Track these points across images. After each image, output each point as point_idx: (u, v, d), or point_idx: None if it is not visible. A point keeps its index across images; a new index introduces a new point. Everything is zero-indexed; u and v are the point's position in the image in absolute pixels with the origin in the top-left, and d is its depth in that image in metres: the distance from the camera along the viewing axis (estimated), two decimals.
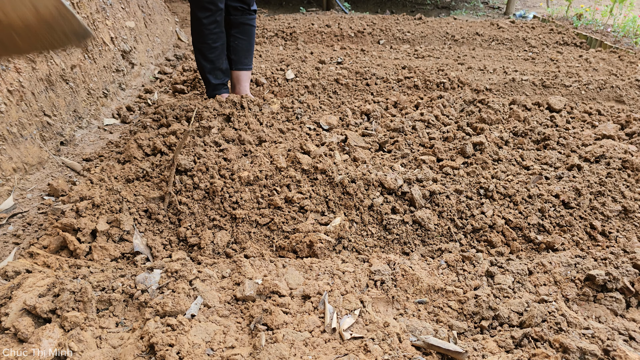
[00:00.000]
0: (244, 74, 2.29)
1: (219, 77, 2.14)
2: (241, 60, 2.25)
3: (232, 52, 2.22)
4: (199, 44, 2.00)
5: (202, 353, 0.88)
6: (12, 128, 1.71)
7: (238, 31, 2.19)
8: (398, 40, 3.95)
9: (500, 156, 1.74)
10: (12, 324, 0.93)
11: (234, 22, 2.15)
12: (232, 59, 2.23)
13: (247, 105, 2.18)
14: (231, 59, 2.23)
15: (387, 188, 1.46)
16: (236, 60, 2.25)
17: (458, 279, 1.19)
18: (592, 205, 1.45)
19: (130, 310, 1.02)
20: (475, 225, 1.39)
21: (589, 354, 0.89)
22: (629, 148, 1.76)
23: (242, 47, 2.22)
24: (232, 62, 2.24)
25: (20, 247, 1.36)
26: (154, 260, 1.27)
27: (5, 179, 1.63)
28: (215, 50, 2.04)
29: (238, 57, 2.25)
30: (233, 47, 2.21)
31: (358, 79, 2.62)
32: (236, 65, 2.25)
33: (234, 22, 2.15)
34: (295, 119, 2.15)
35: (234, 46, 2.21)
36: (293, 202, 1.43)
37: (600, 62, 3.20)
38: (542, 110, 2.23)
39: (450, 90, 2.56)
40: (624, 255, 1.24)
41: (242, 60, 2.25)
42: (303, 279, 1.12)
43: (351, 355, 0.87)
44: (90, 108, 2.22)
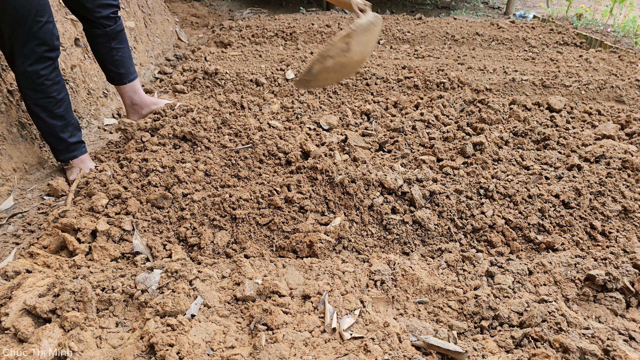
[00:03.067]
0: (137, 82, 2.06)
1: (75, 133, 1.75)
2: (130, 70, 2.01)
3: (119, 65, 1.95)
4: (40, 102, 1.60)
5: (202, 353, 0.88)
6: (12, 128, 1.71)
7: (117, 41, 1.90)
8: (398, 40, 3.95)
9: (500, 156, 1.74)
10: (12, 324, 0.93)
11: (111, 33, 1.86)
12: (120, 73, 1.97)
13: (247, 105, 2.18)
14: (120, 73, 1.97)
15: (387, 188, 1.46)
16: (125, 72, 1.99)
17: (458, 279, 1.19)
18: (592, 205, 1.45)
19: (130, 310, 1.02)
20: (475, 225, 1.39)
21: (589, 354, 0.89)
22: (629, 148, 1.76)
23: (126, 55, 1.96)
24: (121, 77, 1.98)
25: (20, 247, 1.36)
26: (154, 260, 1.27)
27: (5, 179, 1.63)
28: (64, 103, 1.67)
29: (126, 67, 1.99)
30: (118, 60, 1.93)
31: (358, 79, 2.62)
32: (127, 77, 2.01)
33: (111, 33, 1.86)
34: (295, 119, 2.15)
35: (119, 59, 1.93)
36: (293, 202, 1.43)
37: (600, 62, 3.20)
38: (542, 110, 2.23)
39: (450, 90, 2.56)
40: (624, 255, 1.24)
41: (131, 70, 2.01)
42: (303, 279, 1.12)
43: (351, 355, 0.87)
44: (90, 108, 2.22)
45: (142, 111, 2.11)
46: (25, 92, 1.59)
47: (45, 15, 1.49)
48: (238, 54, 3.24)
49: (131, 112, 2.11)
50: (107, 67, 1.96)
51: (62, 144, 1.71)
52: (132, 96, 2.07)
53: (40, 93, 1.60)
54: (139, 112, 2.11)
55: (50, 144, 1.72)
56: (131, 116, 2.13)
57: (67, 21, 2.09)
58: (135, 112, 2.11)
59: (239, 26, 4.08)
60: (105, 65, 1.95)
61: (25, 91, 1.59)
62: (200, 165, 1.61)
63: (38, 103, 1.62)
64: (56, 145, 1.71)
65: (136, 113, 2.11)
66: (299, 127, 2.03)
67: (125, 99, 2.08)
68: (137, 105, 2.09)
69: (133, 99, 2.07)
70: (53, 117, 1.66)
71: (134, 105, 2.09)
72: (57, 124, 1.68)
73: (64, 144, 1.72)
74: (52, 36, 1.54)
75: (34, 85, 1.58)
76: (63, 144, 1.71)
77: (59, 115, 1.67)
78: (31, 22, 1.46)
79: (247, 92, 2.52)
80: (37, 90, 1.59)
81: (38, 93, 1.60)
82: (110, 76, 2.00)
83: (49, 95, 1.62)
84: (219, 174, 1.60)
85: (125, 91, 2.05)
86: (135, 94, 2.07)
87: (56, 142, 1.70)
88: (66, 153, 1.74)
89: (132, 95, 2.06)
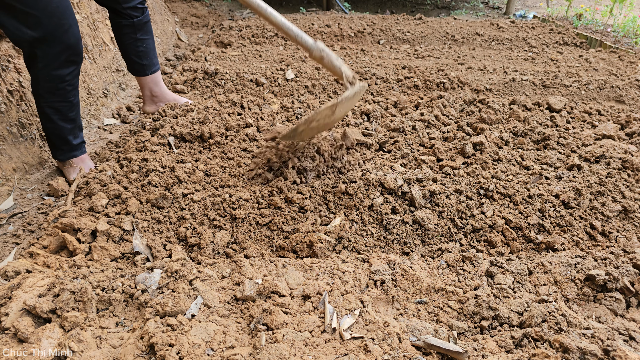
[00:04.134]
0: (159, 74, 2.07)
1: (78, 135, 1.72)
2: (153, 61, 1.99)
3: (143, 57, 1.93)
4: (55, 104, 1.56)
5: (202, 353, 0.88)
6: (12, 128, 1.71)
7: (143, 32, 1.88)
8: (398, 40, 3.95)
9: (500, 156, 1.74)
10: (12, 324, 0.93)
11: (137, 24, 1.83)
12: (143, 64, 1.95)
13: (247, 105, 2.18)
14: (143, 64, 1.95)
15: (387, 188, 1.46)
16: (148, 64, 1.97)
17: (458, 279, 1.19)
18: (592, 205, 1.45)
19: (130, 310, 1.02)
20: (475, 225, 1.39)
21: (589, 354, 0.89)
22: (629, 148, 1.76)
23: (151, 46, 1.95)
24: (144, 68, 1.97)
25: (20, 247, 1.36)
26: (154, 260, 1.27)
27: (5, 179, 1.63)
28: (77, 107, 1.64)
29: (150, 59, 1.97)
30: (142, 51, 1.91)
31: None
32: (150, 69, 2.00)
33: (137, 24, 1.83)
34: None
35: (143, 50, 1.91)
36: (293, 202, 1.43)
37: (600, 62, 3.20)
38: (542, 110, 2.23)
39: (450, 90, 2.56)
40: (624, 255, 1.24)
41: (154, 62, 2.00)
42: (303, 279, 1.12)
43: (351, 355, 0.87)
44: (90, 108, 2.22)
45: (160, 104, 2.12)
46: (41, 94, 1.53)
47: (69, 18, 1.45)
48: (238, 54, 3.24)
49: (149, 103, 2.12)
50: (130, 58, 1.93)
51: (67, 145, 1.69)
52: (153, 88, 2.06)
53: (58, 97, 1.55)
54: (157, 105, 2.12)
55: (54, 145, 1.68)
56: (148, 107, 2.13)
57: None
58: (153, 104, 2.12)
59: (239, 26, 4.08)
60: (129, 55, 1.92)
61: (42, 93, 1.53)
62: (200, 165, 1.61)
63: (53, 106, 1.56)
64: (60, 145, 1.68)
65: (154, 104, 2.12)
66: None
67: (145, 90, 2.08)
68: (156, 97, 2.10)
69: (153, 91, 2.07)
70: (65, 120, 1.62)
71: (154, 97, 2.09)
72: (67, 126, 1.64)
73: (69, 145, 1.69)
74: (77, 40, 1.50)
75: (54, 89, 1.53)
76: (68, 145, 1.69)
77: (71, 119, 1.64)
78: (56, 25, 1.41)
79: (247, 92, 2.52)
80: (55, 93, 1.54)
81: (55, 96, 1.55)
82: (132, 67, 1.97)
83: (67, 99, 1.58)
84: (219, 174, 1.60)
85: (146, 82, 2.04)
86: (156, 86, 2.07)
87: (61, 143, 1.67)
88: (68, 153, 1.71)
89: (152, 86, 2.05)
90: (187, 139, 1.77)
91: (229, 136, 1.79)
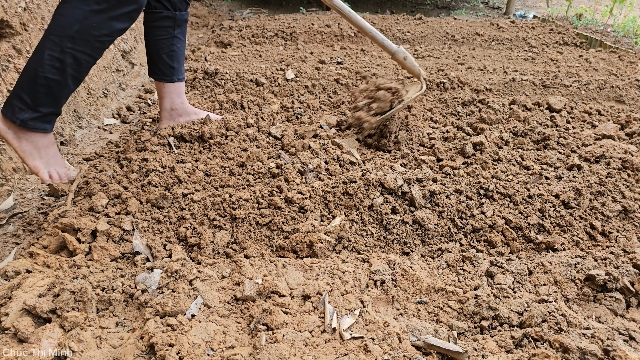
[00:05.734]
0: (183, 85, 1.84)
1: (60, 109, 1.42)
2: (181, 68, 1.79)
3: (174, 58, 1.72)
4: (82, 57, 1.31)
5: (202, 353, 0.88)
6: None
7: (180, 31, 1.69)
8: (398, 40, 3.95)
9: (500, 156, 1.74)
10: (12, 324, 0.93)
11: (178, 18, 1.64)
12: (173, 67, 1.74)
13: (247, 105, 2.18)
14: (173, 67, 1.74)
15: (387, 188, 1.46)
16: (178, 67, 1.76)
17: (458, 279, 1.19)
18: (592, 205, 1.45)
19: (130, 310, 1.02)
20: (475, 225, 1.39)
21: (589, 354, 0.89)
22: (629, 148, 1.76)
23: (182, 50, 1.76)
24: (173, 71, 1.75)
25: (20, 247, 1.36)
26: (154, 260, 1.27)
27: (5, 179, 1.63)
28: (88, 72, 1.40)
29: (180, 63, 1.77)
30: (175, 51, 1.70)
31: (358, 79, 2.62)
32: (178, 74, 1.78)
33: (178, 18, 1.64)
34: (296, 119, 2.15)
35: (176, 50, 1.71)
36: (293, 202, 1.43)
37: (600, 62, 3.20)
38: (542, 110, 2.23)
39: (450, 90, 2.56)
40: (624, 255, 1.24)
41: (182, 68, 1.79)
42: (303, 279, 1.12)
43: (351, 355, 0.87)
44: (90, 108, 2.22)
45: (179, 119, 1.83)
46: (74, 37, 1.25)
47: None
48: (238, 54, 3.24)
49: (166, 118, 1.83)
50: (160, 58, 1.69)
51: (51, 107, 1.35)
52: (175, 99, 1.80)
53: (90, 49, 1.29)
54: (175, 120, 1.83)
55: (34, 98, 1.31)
56: (164, 122, 1.85)
57: None
58: (170, 119, 1.83)
59: (239, 26, 4.08)
60: (160, 54, 1.68)
61: (76, 36, 1.25)
62: (200, 165, 1.61)
63: (77, 57, 1.28)
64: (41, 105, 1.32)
65: (172, 120, 1.83)
66: (299, 127, 2.02)
67: (166, 102, 1.80)
68: (175, 111, 1.83)
69: (174, 103, 1.81)
70: (75, 79, 1.34)
71: (173, 110, 1.83)
72: (70, 87, 1.35)
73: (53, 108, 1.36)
74: (145, 3, 1.33)
75: (94, 38, 1.27)
76: (51, 108, 1.35)
77: (79, 81, 1.37)
78: None
79: (247, 92, 2.52)
80: (91, 43, 1.28)
81: (88, 47, 1.28)
82: (159, 69, 1.72)
83: (96, 56, 1.33)
84: (219, 174, 1.60)
85: (170, 92, 1.77)
86: (179, 98, 1.81)
87: (46, 102, 1.33)
88: (43, 118, 1.35)
89: (174, 98, 1.80)
90: (187, 139, 1.76)
91: (229, 136, 1.79)
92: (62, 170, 1.51)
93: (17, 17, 1.63)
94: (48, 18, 1.86)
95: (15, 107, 1.32)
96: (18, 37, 1.65)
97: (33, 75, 1.30)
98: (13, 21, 1.60)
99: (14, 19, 1.61)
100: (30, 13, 1.73)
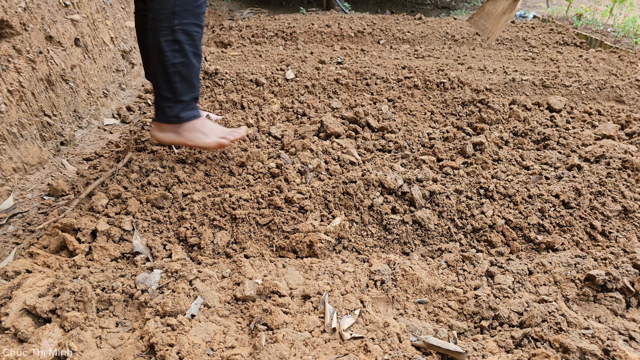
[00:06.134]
0: None
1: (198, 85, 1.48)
2: None
3: None
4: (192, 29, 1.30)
5: (202, 353, 0.88)
6: (12, 128, 1.71)
7: None
8: (398, 40, 3.95)
9: (500, 156, 1.74)
10: (12, 324, 0.93)
11: None
12: None
13: (247, 105, 2.18)
14: None
15: (387, 188, 1.46)
16: None
17: (458, 279, 1.19)
18: (592, 205, 1.45)
19: (130, 310, 1.02)
20: (475, 225, 1.39)
21: (589, 354, 0.89)
22: (629, 148, 1.76)
23: None
24: None
25: (20, 247, 1.36)
26: (154, 260, 1.27)
27: (5, 179, 1.63)
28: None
29: None
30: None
31: (358, 79, 2.62)
32: None
33: None
34: (296, 119, 2.15)
35: None
36: (293, 202, 1.43)
37: (600, 62, 3.20)
38: (542, 110, 2.23)
39: (450, 90, 2.56)
40: (624, 255, 1.24)
41: None
42: (303, 279, 1.12)
43: (351, 355, 0.87)
44: (90, 108, 2.22)
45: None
46: (177, 12, 1.22)
47: None
48: (238, 54, 3.24)
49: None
50: None
51: (193, 92, 1.36)
52: None
53: (196, 17, 1.26)
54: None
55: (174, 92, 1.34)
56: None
57: (67, 21, 2.09)
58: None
59: (239, 26, 4.08)
60: None
61: (179, 10, 1.22)
62: (200, 165, 1.61)
63: (188, 30, 1.25)
64: (182, 93, 1.35)
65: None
66: (299, 127, 2.02)
67: None
68: None
69: None
70: (196, 54, 1.33)
71: None
72: (196, 64, 1.34)
73: (194, 92, 1.36)
74: None
75: (193, 4, 1.24)
76: (193, 93, 1.36)
77: (200, 54, 1.35)
78: None
79: (247, 92, 2.52)
80: (193, 12, 1.24)
81: (194, 17, 1.25)
82: None
83: (201, 23, 1.28)
84: (219, 174, 1.60)
85: None
86: None
87: (184, 88, 1.35)
88: (192, 104, 1.37)
89: None
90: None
91: None
92: (228, 132, 1.58)
93: (17, 17, 1.63)
94: (48, 18, 1.86)
95: (164, 108, 1.40)
96: (18, 37, 1.65)
97: (162, 69, 1.34)
98: (13, 21, 1.60)
99: (14, 19, 1.61)
100: (30, 13, 1.73)
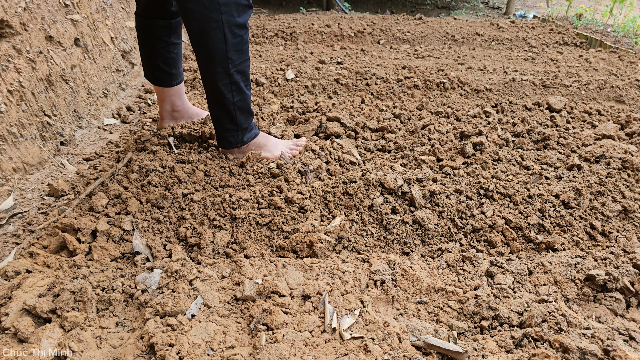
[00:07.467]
0: (183, 86, 1.80)
1: None
2: (180, 70, 1.74)
3: (172, 64, 1.67)
4: (243, 66, 1.34)
5: (202, 353, 0.88)
6: (12, 128, 1.71)
7: (176, 36, 1.67)
8: (398, 40, 3.95)
9: (500, 156, 1.74)
10: (12, 324, 0.93)
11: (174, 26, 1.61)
12: (172, 73, 1.70)
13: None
14: (171, 73, 1.70)
15: (387, 188, 1.46)
16: (176, 73, 1.72)
17: (458, 279, 1.19)
18: (592, 205, 1.45)
19: (130, 310, 1.02)
20: (475, 225, 1.39)
21: (589, 354, 0.89)
22: (629, 148, 1.76)
23: (180, 53, 1.72)
24: (171, 78, 1.71)
25: (20, 247, 1.36)
26: (154, 260, 1.27)
27: (5, 179, 1.63)
28: None
29: (177, 68, 1.71)
30: (173, 58, 1.67)
31: (358, 79, 2.62)
32: (176, 79, 1.74)
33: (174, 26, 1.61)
34: (295, 119, 2.15)
35: (173, 57, 1.67)
36: (293, 202, 1.43)
37: (600, 62, 3.20)
38: (542, 110, 2.23)
39: (450, 90, 2.56)
40: (624, 255, 1.24)
41: (180, 70, 1.75)
42: (303, 279, 1.12)
43: (351, 355, 0.87)
44: (90, 108, 2.22)
45: (180, 120, 1.82)
46: (231, 57, 1.27)
47: None
48: None
49: (168, 118, 1.82)
50: (157, 65, 1.65)
51: (251, 116, 1.42)
52: (175, 101, 1.77)
53: (244, 54, 1.29)
54: (177, 121, 1.82)
55: (238, 124, 1.41)
56: (165, 122, 1.84)
57: (67, 21, 2.09)
58: (172, 119, 1.82)
59: None
60: (156, 62, 1.65)
61: (231, 55, 1.26)
62: (200, 165, 1.61)
63: (241, 69, 1.30)
64: (243, 122, 1.42)
65: (173, 120, 1.82)
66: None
67: (166, 104, 1.78)
68: (177, 112, 1.81)
69: (175, 105, 1.78)
70: (248, 85, 1.38)
71: (174, 111, 1.81)
72: (249, 93, 1.40)
73: (251, 116, 1.43)
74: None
75: (241, 44, 1.27)
76: (251, 117, 1.43)
77: (250, 83, 1.40)
78: None
79: None
80: (242, 50, 1.28)
81: (243, 54, 1.29)
82: (156, 76, 1.69)
83: (248, 56, 1.32)
84: (219, 174, 1.60)
85: (169, 95, 1.75)
86: (179, 99, 1.79)
87: (244, 118, 1.42)
88: (251, 127, 1.45)
89: (175, 100, 1.77)
90: (187, 139, 1.76)
91: None
92: (292, 144, 1.70)
93: (17, 17, 1.64)
94: (48, 18, 1.86)
95: (228, 138, 1.52)
96: (18, 37, 1.66)
97: (224, 108, 1.44)
98: (13, 21, 1.60)
99: (14, 19, 1.61)
100: (30, 13, 1.73)
